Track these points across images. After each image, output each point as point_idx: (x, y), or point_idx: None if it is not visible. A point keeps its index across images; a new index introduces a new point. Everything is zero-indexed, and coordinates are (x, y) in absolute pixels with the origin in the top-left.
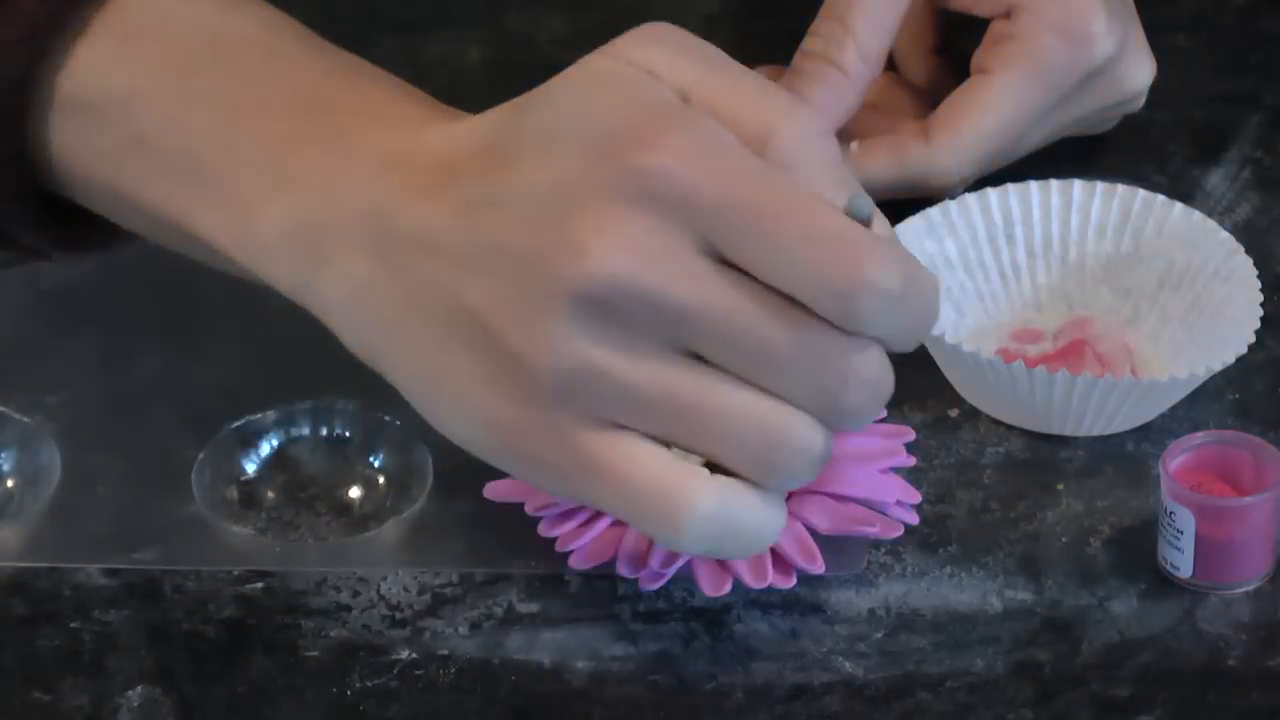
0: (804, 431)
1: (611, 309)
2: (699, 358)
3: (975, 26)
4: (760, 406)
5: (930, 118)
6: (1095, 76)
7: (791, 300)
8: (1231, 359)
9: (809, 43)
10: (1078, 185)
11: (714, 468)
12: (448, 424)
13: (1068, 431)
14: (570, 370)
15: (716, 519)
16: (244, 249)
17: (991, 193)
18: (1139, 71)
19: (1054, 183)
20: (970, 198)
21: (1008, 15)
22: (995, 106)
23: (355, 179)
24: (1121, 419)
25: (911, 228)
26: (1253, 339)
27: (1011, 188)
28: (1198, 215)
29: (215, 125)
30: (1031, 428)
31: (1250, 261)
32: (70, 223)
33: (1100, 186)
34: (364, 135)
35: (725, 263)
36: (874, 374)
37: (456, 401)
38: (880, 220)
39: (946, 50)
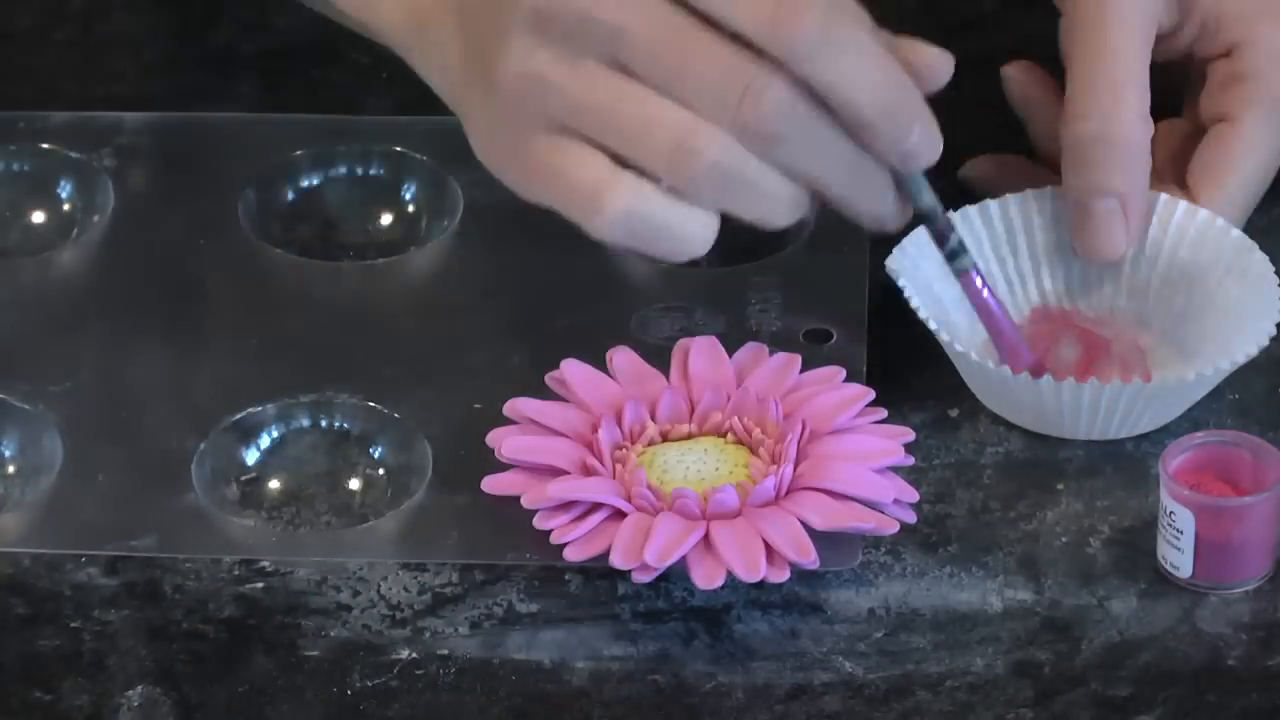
0: (707, 137)
1: (556, 24)
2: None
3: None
4: (671, 112)
5: (1188, 176)
6: None
7: (708, 23)
8: (1255, 350)
9: (1079, 128)
10: None
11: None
12: (470, 141)
13: (1095, 437)
14: (521, 74)
15: (633, 214)
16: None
17: (992, 204)
18: None
19: (1050, 189)
20: (971, 210)
21: (1227, 54)
22: (1251, 154)
23: None
24: (1148, 420)
25: (916, 242)
26: (1274, 331)
27: (1011, 197)
28: (1204, 213)
29: None
30: (1056, 434)
31: (1266, 258)
32: None
33: None
34: None
35: None
36: (775, 93)
37: (470, 124)
38: None
39: None
